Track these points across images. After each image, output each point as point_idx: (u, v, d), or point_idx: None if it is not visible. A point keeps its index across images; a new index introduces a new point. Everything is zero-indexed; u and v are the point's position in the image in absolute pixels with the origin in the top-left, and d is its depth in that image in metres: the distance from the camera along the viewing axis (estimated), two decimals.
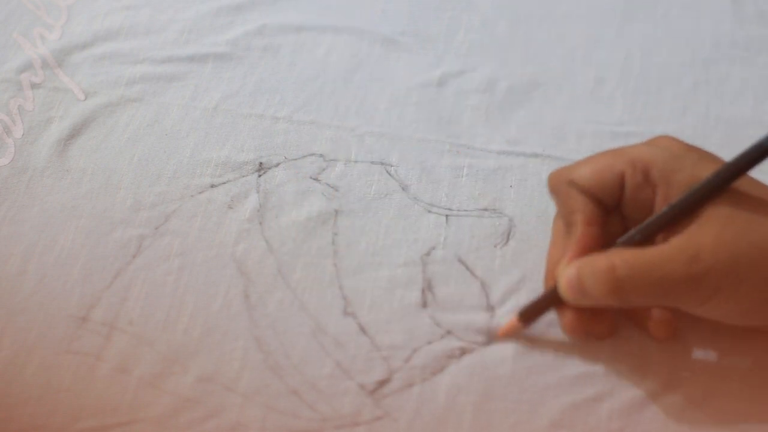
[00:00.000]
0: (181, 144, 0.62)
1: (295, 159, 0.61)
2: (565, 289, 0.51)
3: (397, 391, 0.52)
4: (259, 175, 0.60)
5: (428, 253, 0.57)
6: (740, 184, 0.50)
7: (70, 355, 0.53)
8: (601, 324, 0.53)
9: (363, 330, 0.54)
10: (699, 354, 0.53)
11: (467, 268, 0.56)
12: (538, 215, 0.58)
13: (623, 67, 0.66)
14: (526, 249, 0.57)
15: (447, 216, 0.58)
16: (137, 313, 0.54)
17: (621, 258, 0.49)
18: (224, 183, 0.60)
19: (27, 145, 0.61)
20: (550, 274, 0.53)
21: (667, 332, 0.53)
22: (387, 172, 0.60)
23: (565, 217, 0.53)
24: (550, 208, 0.58)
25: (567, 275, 0.51)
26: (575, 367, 0.53)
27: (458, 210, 0.59)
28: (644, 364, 0.53)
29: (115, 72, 0.65)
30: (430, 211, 0.59)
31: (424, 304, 0.55)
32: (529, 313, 0.53)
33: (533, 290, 0.55)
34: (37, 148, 0.61)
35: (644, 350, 0.53)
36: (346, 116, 0.63)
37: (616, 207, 0.53)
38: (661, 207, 0.51)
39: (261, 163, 0.61)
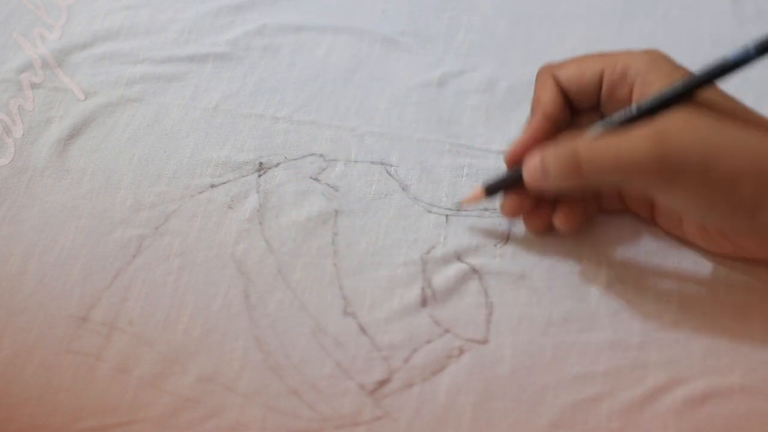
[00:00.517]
0: (181, 144, 0.62)
1: (295, 159, 0.61)
2: (530, 174, 0.53)
3: (397, 391, 0.52)
4: (259, 175, 0.60)
5: (428, 253, 0.57)
6: (711, 95, 0.52)
7: (70, 355, 0.53)
8: (539, 219, 0.56)
9: (363, 330, 0.54)
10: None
11: (467, 267, 0.56)
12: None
13: None
14: (525, 249, 0.57)
15: (447, 216, 0.58)
16: (137, 313, 0.54)
17: (583, 141, 0.51)
18: (224, 183, 0.60)
19: (27, 145, 0.62)
20: (509, 154, 0.56)
21: (572, 222, 0.56)
22: (387, 172, 0.60)
23: (532, 103, 0.56)
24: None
25: (531, 163, 0.53)
26: (575, 367, 0.53)
27: (458, 210, 0.59)
28: (644, 364, 0.53)
29: (115, 72, 0.65)
30: (430, 211, 0.59)
31: (424, 304, 0.55)
32: (493, 187, 0.56)
33: (533, 289, 0.55)
34: (37, 148, 0.61)
35: (644, 350, 0.53)
36: (346, 116, 0.63)
37: (591, 105, 0.56)
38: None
39: (261, 163, 0.61)
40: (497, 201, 0.59)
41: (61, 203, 0.59)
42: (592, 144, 0.51)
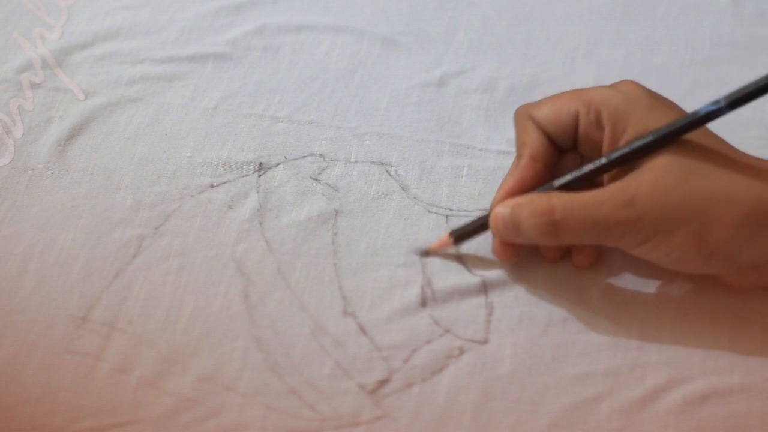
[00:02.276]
0: (180, 144, 0.62)
1: (295, 159, 0.61)
2: (495, 226, 0.53)
3: (397, 391, 0.52)
4: (259, 175, 0.60)
5: (428, 253, 0.57)
6: (691, 134, 0.51)
7: (69, 355, 0.53)
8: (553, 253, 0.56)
9: (363, 330, 0.54)
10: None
11: (467, 267, 0.56)
12: None
13: (623, 67, 0.66)
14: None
15: (447, 216, 0.58)
16: (137, 313, 0.54)
17: (558, 200, 0.51)
18: (224, 183, 0.60)
19: (27, 145, 0.62)
20: (497, 199, 0.55)
21: (590, 261, 0.56)
22: (387, 172, 0.60)
23: (517, 150, 0.55)
24: None
25: (500, 213, 0.53)
26: (575, 367, 0.53)
27: (458, 210, 0.59)
28: (644, 364, 0.53)
29: (115, 72, 0.65)
30: (430, 211, 0.59)
31: (424, 304, 0.55)
32: (461, 234, 0.56)
33: (533, 290, 0.55)
34: (37, 148, 0.61)
35: (644, 350, 0.53)
36: (346, 116, 0.63)
37: (572, 146, 0.55)
38: (606, 150, 0.53)
39: (261, 163, 0.61)
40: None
41: (61, 203, 0.59)
42: (568, 205, 0.51)
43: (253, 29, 0.68)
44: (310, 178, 0.60)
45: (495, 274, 0.56)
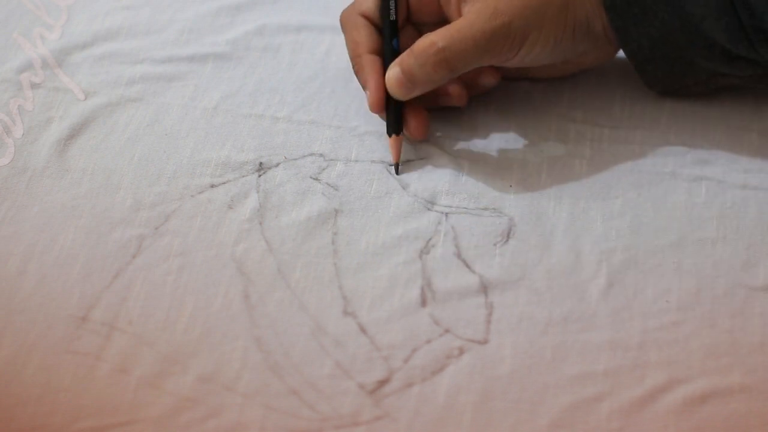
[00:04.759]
0: (180, 144, 0.62)
1: (295, 159, 0.61)
2: (395, 88, 0.58)
3: (397, 391, 0.52)
4: (259, 175, 0.60)
5: (428, 252, 0.57)
6: None
7: (69, 355, 0.53)
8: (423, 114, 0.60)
9: (363, 330, 0.54)
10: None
11: (467, 266, 0.56)
12: (537, 215, 0.58)
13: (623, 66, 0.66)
14: (525, 249, 0.57)
15: (447, 214, 0.58)
16: (137, 313, 0.54)
17: (435, 34, 0.57)
18: (224, 183, 0.60)
19: (27, 145, 0.62)
20: (374, 102, 0.60)
21: (495, 76, 0.61)
22: (387, 171, 0.60)
23: (351, 51, 0.61)
24: (550, 207, 0.58)
25: (392, 75, 0.58)
26: (575, 367, 0.53)
27: (458, 207, 0.59)
28: (644, 364, 0.53)
29: (115, 72, 0.65)
30: (430, 210, 0.59)
31: (424, 303, 0.55)
32: (394, 125, 0.60)
33: (533, 289, 0.55)
34: (37, 148, 0.61)
35: (644, 350, 0.53)
36: (346, 116, 0.63)
37: (406, 21, 0.61)
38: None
39: (261, 163, 0.61)
40: (496, 201, 0.59)
41: (61, 203, 0.59)
42: (445, 33, 0.56)
43: (253, 29, 0.68)
44: (311, 177, 0.60)
45: (495, 274, 0.56)
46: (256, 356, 0.53)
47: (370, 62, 0.60)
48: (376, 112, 0.61)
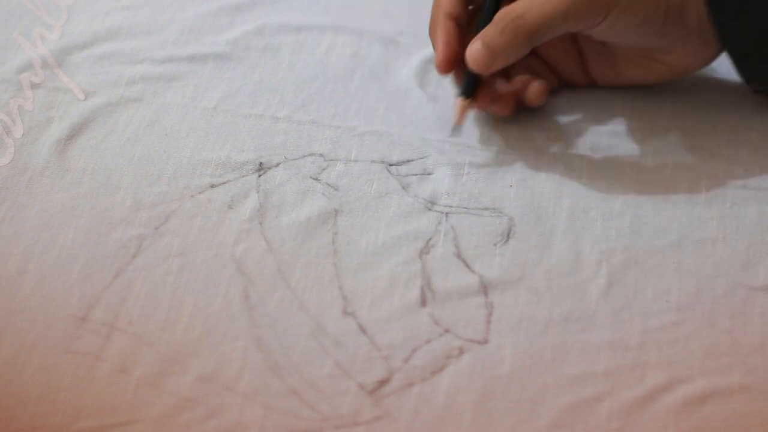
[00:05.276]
0: (180, 144, 0.62)
1: (295, 159, 0.61)
2: (477, 61, 0.57)
3: (397, 391, 0.52)
4: (259, 175, 0.60)
5: (428, 252, 0.57)
6: None
7: (69, 355, 0.53)
8: (506, 103, 0.61)
9: (363, 329, 0.54)
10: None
11: (467, 266, 0.56)
12: (537, 215, 0.58)
13: None
14: (525, 249, 0.57)
15: (447, 214, 0.58)
16: (137, 313, 0.54)
17: (516, 3, 0.56)
18: (224, 183, 0.60)
19: (27, 145, 0.62)
20: (442, 63, 0.60)
21: (541, 95, 0.60)
22: (387, 171, 0.60)
23: (433, 9, 0.61)
24: (549, 207, 0.58)
25: (473, 50, 0.57)
26: (575, 367, 0.53)
27: (458, 207, 0.59)
28: (644, 364, 0.53)
29: (115, 72, 0.65)
30: (430, 210, 0.59)
31: (424, 303, 0.55)
32: (468, 91, 0.60)
33: (533, 289, 0.55)
34: (37, 148, 0.61)
35: (644, 350, 0.53)
36: (346, 116, 0.63)
37: None
38: None
39: (261, 163, 0.61)
40: (496, 201, 0.59)
41: (61, 203, 0.59)
42: (527, 4, 0.55)
43: (253, 29, 0.68)
44: (311, 177, 0.60)
45: (495, 274, 0.56)
46: (256, 356, 0.53)
47: (444, 25, 0.60)
48: (441, 73, 0.61)
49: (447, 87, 0.64)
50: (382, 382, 0.52)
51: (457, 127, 0.61)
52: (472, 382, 0.52)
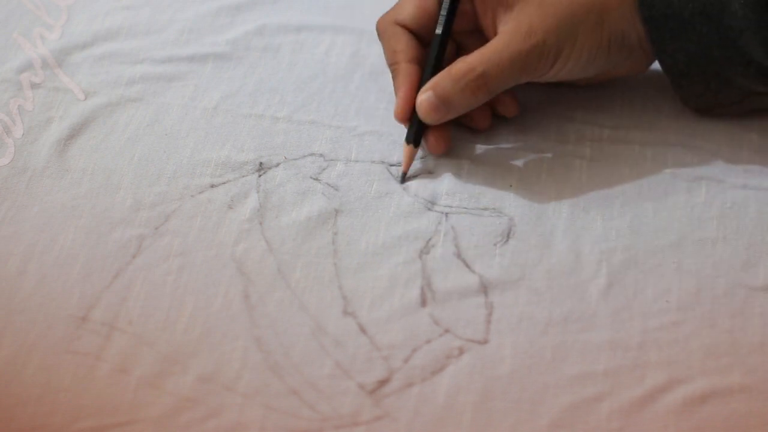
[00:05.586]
0: (180, 144, 0.62)
1: (295, 159, 0.61)
2: (429, 113, 0.58)
3: (397, 391, 0.52)
4: (259, 175, 0.60)
5: (428, 252, 0.57)
6: None
7: (69, 355, 0.53)
8: (447, 132, 0.60)
9: (363, 329, 0.54)
10: None
11: (467, 266, 0.56)
12: (537, 215, 0.58)
13: None
14: (525, 248, 0.57)
15: (447, 214, 0.58)
16: (137, 313, 0.54)
17: (472, 57, 0.57)
18: (224, 183, 0.60)
19: (27, 145, 0.62)
20: (399, 111, 0.60)
21: (515, 108, 0.61)
22: (387, 171, 0.60)
23: (388, 59, 0.61)
24: (549, 207, 0.58)
25: (424, 99, 0.58)
26: (575, 367, 0.53)
27: (458, 207, 0.59)
28: (644, 364, 0.53)
29: (115, 72, 0.65)
30: (430, 210, 0.59)
31: (424, 303, 0.55)
32: (415, 137, 0.59)
33: (533, 289, 0.55)
34: (37, 148, 0.61)
35: (644, 350, 0.53)
36: (346, 116, 0.63)
37: (432, 30, 0.60)
38: (481, 13, 0.59)
39: (261, 163, 0.61)
40: (496, 201, 0.59)
41: (61, 203, 0.59)
42: (483, 57, 0.57)
43: (253, 29, 0.68)
44: (311, 177, 0.60)
45: (495, 274, 0.56)
46: (256, 356, 0.53)
47: (406, 71, 0.60)
48: (400, 122, 0.60)
49: None
50: (382, 382, 0.52)
51: (404, 175, 0.60)
52: (472, 382, 0.52)
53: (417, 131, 0.60)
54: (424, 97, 0.58)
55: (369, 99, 0.64)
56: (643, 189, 0.59)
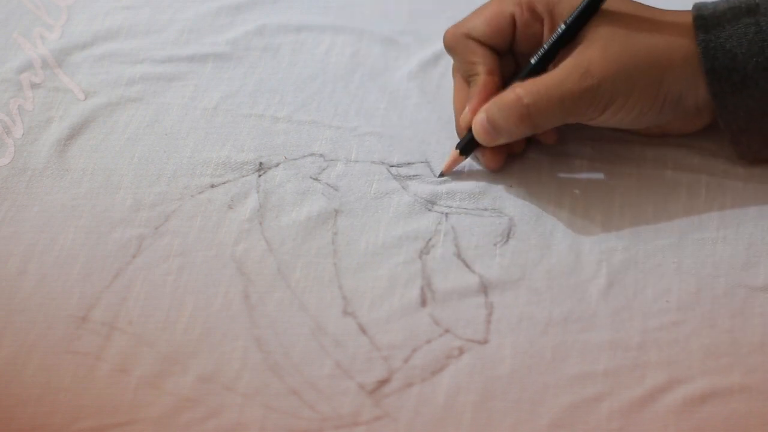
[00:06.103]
0: (180, 144, 0.62)
1: (295, 159, 0.61)
2: (480, 134, 0.57)
3: (397, 391, 0.52)
4: (259, 175, 0.60)
5: (428, 252, 0.57)
6: (614, 5, 0.57)
7: (69, 355, 0.53)
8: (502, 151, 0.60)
9: (363, 330, 0.54)
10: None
11: (467, 266, 0.56)
12: (537, 215, 0.58)
13: None
14: (525, 249, 0.57)
15: (447, 214, 0.58)
16: (137, 313, 0.54)
17: (522, 88, 0.56)
18: (224, 183, 0.60)
19: (27, 145, 0.62)
20: (457, 123, 0.60)
21: (554, 138, 0.60)
22: (388, 171, 0.60)
23: (466, 71, 0.60)
24: (549, 208, 0.58)
25: (478, 119, 0.57)
26: (575, 367, 0.53)
27: (458, 207, 0.59)
28: (644, 364, 0.53)
29: (115, 72, 0.65)
30: (430, 210, 0.59)
31: (424, 303, 0.55)
32: (465, 146, 0.59)
33: (533, 289, 0.55)
34: (37, 148, 0.61)
35: (644, 350, 0.53)
36: (346, 116, 0.63)
37: (508, 49, 0.60)
38: (547, 38, 0.58)
39: (261, 163, 0.61)
40: (496, 201, 0.59)
41: (61, 203, 0.59)
42: (532, 89, 0.56)
43: (253, 29, 0.68)
44: (311, 178, 0.60)
45: (495, 274, 0.56)
46: (256, 356, 0.53)
47: (484, 83, 0.59)
48: (462, 129, 0.60)
49: (447, 87, 0.64)
50: (382, 382, 0.52)
51: (441, 174, 0.60)
52: (472, 382, 0.52)
53: (469, 142, 0.59)
54: (479, 118, 0.57)
55: (369, 99, 0.64)
56: (643, 189, 0.59)
